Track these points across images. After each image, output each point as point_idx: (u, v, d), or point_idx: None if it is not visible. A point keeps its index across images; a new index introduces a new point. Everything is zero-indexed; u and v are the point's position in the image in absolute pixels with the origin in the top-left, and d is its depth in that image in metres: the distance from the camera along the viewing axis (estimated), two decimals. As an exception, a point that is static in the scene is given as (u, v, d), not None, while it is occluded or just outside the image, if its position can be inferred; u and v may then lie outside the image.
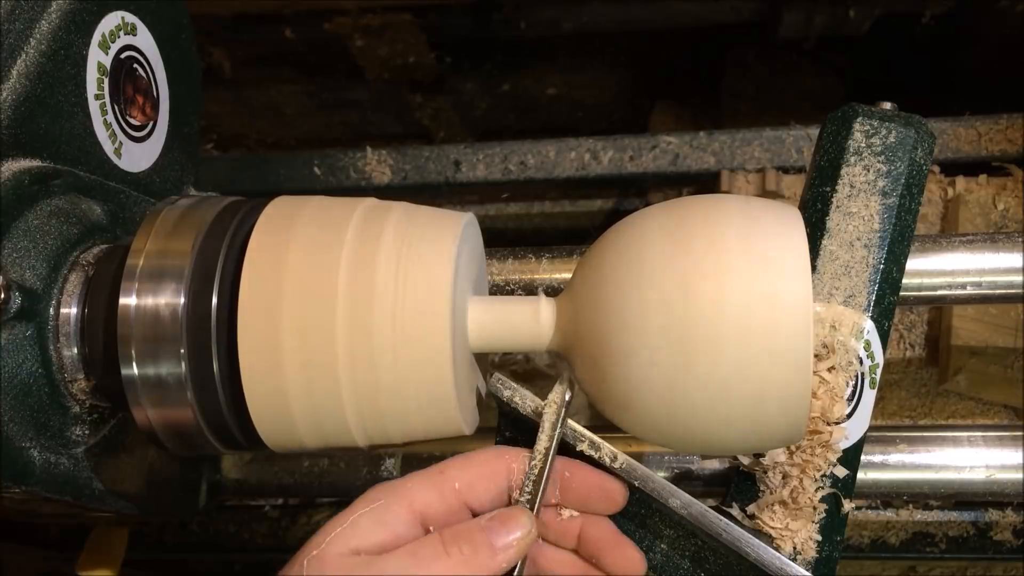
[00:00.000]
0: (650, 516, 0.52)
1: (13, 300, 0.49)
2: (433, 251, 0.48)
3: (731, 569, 0.50)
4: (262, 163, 1.20)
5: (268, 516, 0.91)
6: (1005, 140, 1.02)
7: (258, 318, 0.47)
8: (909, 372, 0.91)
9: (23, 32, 0.52)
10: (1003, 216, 0.91)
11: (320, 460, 0.76)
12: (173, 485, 0.65)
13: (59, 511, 0.58)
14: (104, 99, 0.58)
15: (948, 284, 0.60)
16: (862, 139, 0.57)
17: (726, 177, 1.03)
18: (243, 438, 0.51)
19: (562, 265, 0.66)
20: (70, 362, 0.53)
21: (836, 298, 0.54)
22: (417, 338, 0.46)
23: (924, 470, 0.64)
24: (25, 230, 0.51)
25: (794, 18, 1.23)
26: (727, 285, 0.43)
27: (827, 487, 0.53)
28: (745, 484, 0.55)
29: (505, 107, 1.51)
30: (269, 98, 1.50)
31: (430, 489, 0.46)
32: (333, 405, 0.47)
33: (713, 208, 0.46)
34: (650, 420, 0.46)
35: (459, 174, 1.13)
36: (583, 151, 1.11)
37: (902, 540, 0.81)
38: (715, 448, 0.51)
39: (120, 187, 0.59)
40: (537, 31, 1.32)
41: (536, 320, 0.50)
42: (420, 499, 0.46)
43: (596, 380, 0.48)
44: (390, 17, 1.28)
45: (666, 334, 0.44)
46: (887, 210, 0.56)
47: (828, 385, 0.51)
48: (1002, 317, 0.85)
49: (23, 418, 0.50)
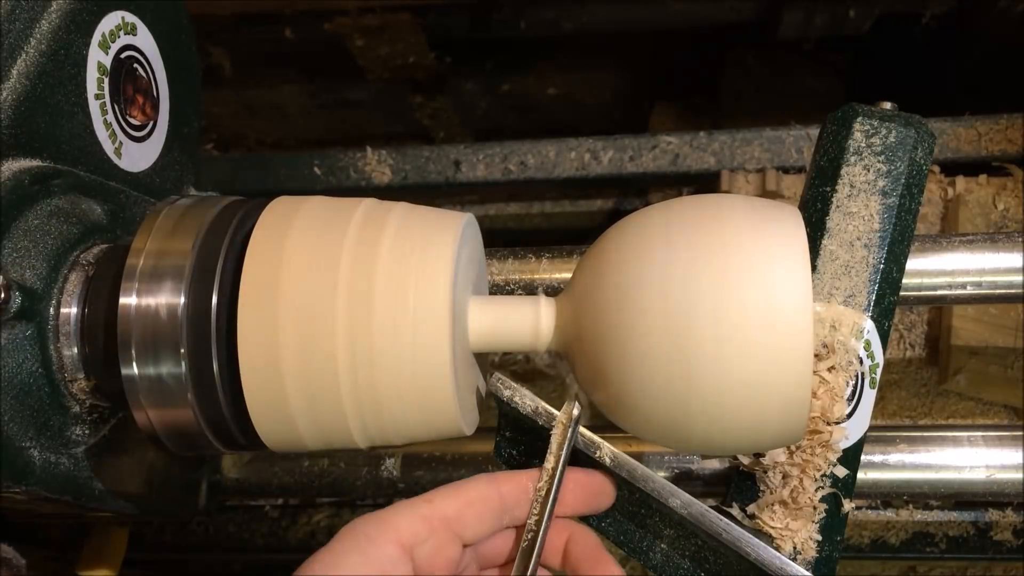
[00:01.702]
0: (650, 516, 0.52)
1: (13, 300, 0.49)
2: (433, 251, 0.48)
3: (731, 569, 0.50)
4: (262, 163, 1.20)
5: (268, 516, 0.92)
6: (1005, 140, 1.02)
7: (258, 318, 0.47)
8: (909, 372, 0.91)
9: (23, 32, 0.52)
10: (1003, 216, 0.91)
11: (320, 460, 0.76)
12: (173, 485, 0.65)
13: (59, 511, 0.58)
14: (104, 99, 0.58)
15: (948, 284, 0.60)
16: (862, 139, 0.57)
17: (726, 177, 1.03)
18: (243, 438, 0.51)
19: (562, 265, 0.66)
20: (70, 362, 0.53)
21: (836, 298, 0.54)
22: (417, 338, 0.46)
23: (924, 470, 0.64)
24: (25, 230, 0.51)
25: (794, 18, 1.23)
26: (727, 285, 0.43)
27: (827, 487, 0.53)
28: (745, 484, 0.55)
29: (505, 107, 1.51)
30: (269, 98, 1.49)
31: (419, 521, 0.44)
32: (333, 405, 0.47)
33: (713, 208, 0.46)
34: (650, 420, 0.46)
35: (459, 174, 1.13)
36: (583, 151, 1.11)
37: (902, 540, 0.81)
38: (715, 448, 0.51)
39: (120, 187, 0.59)
40: (537, 31, 1.32)
41: (536, 320, 0.50)
42: (408, 532, 0.43)
43: (596, 380, 0.48)
44: (390, 17, 1.28)
45: (666, 334, 0.44)
46: (887, 210, 0.56)
47: (828, 385, 0.51)
48: (1002, 317, 0.85)
49: (23, 418, 0.50)
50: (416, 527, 0.44)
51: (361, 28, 1.30)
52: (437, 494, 0.46)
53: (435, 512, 0.45)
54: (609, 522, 0.53)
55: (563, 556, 0.49)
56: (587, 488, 0.49)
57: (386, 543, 0.43)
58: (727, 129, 1.09)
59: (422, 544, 0.44)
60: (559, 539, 0.49)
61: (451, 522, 0.45)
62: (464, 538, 0.46)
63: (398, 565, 0.43)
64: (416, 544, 0.44)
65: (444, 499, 0.45)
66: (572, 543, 0.49)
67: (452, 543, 0.45)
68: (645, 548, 0.52)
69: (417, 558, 0.44)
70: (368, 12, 1.27)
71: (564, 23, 1.30)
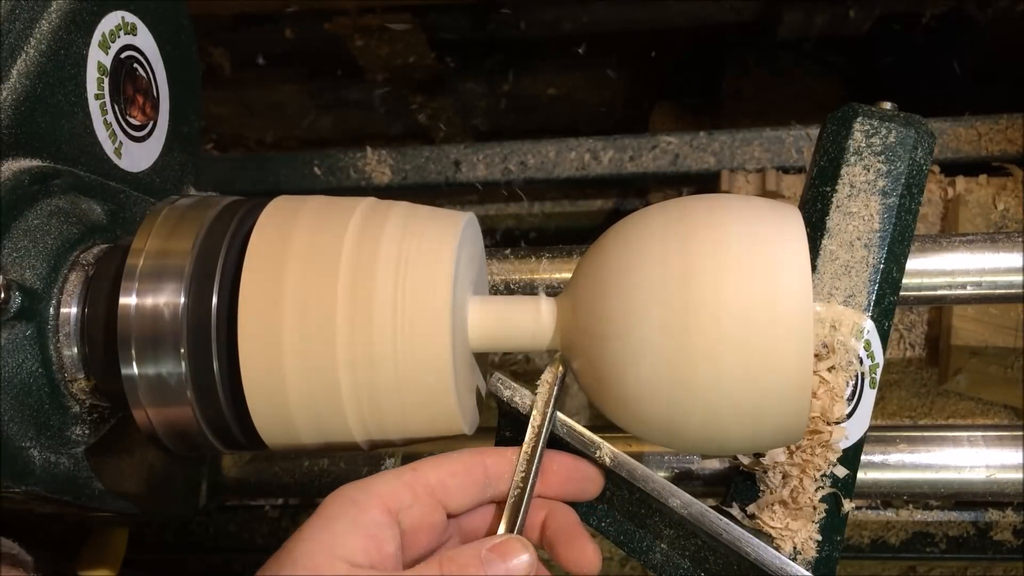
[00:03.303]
0: (650, 516, 0.52)
1: (13, 300, 0.49)
2: (433, 251, 0.48)
3: (731, 569, 0.50)
4: (262, 163, 1.20)
5: (268, 516, 0.92)
6: (1005, 140, 1.02)
7: (258, 318, 0.47)
8: (909, 372, 0.91)
9: (23, 32, 0.52)
10: (1003, 216, 0.91)
11: (320, 460, 0.76)
12: (173, 485, 0.65)
13: (59, 511, 0.58)
14: (104, 99, 0.58)
15: (948, 284, 0.60)
16: (862, 139, 0.57)
17: (726, 177, 1.04)
18: (243, 438, 0.51)
19: (562, 265, 0.66)
20: (70, 362, 0.53)
21: (836, 298, 0.54)
22: (417, 338, 0.46)
23: (924, 470, 0.64)
24: (25, 230, 0.51)
25: (794, 18, 1.23)
26: (727, 285, 0.43)
27: (827, 487, 0.53)
28: (745, 484, 0.55)
29: (505, 107, 1.51)
30: (269, 98, 1.49)
31: (402, 487, 0.45)
32: (333, 405, 0.47)
33: (713, 208, 0.46)
34: (650, 420, 0.46)
35: (459, 174, 1.13)
36: (583, 151, 1.11)
37: (902, 540, 0.81)
38: (715, 448, 0.51)
39: (120, 187, 0.59)
40: (537, 31, 1.32)
41: (536, 320, 0.50)
42: (392, 497, 0.44)
43: (596, 380, 0.48)
44: (390, 17, 1.28)
45: (666, 334, 0.44)
46: (887, 210, 0.56)
47: (828, 385, 0.51)
48: (1002, 317, 0.85)
49: (23, 418, 0.50)
50: (400, 493, 0.45)
51: (361, 28, 1.30)
52: (422, 463, 0.47)
53: (418, 479, 0.46)
54: (609, 522, 0.53)
55: (541, 532, 0.49)
56: (572, 471, 0.49)
57: (372, 507, 0.44)
58: (727, 129, 1.09)
59: (407, 509, 0.45)
60: (538, 516, 0.49)
61: (434, 490, 0.46)
62: (448, 507, 0.47)
63: (384, 529, 0.44)
64: (401, 509, 0.45)
65: (429, 468, 0.46)
66: (550, 519, 0.49)
67: (436, 511, 0.46)
68: (645, 548, 0.52)
69: (403, 523, 0.45)
70: (368, 12, 1.27)
71: (564, 23, 1.30)
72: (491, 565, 0.44)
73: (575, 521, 0.49)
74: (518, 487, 0.48)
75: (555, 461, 0.50)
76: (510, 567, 0.44)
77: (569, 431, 0.50)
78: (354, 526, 0.43)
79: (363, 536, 0.43)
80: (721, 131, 1.08)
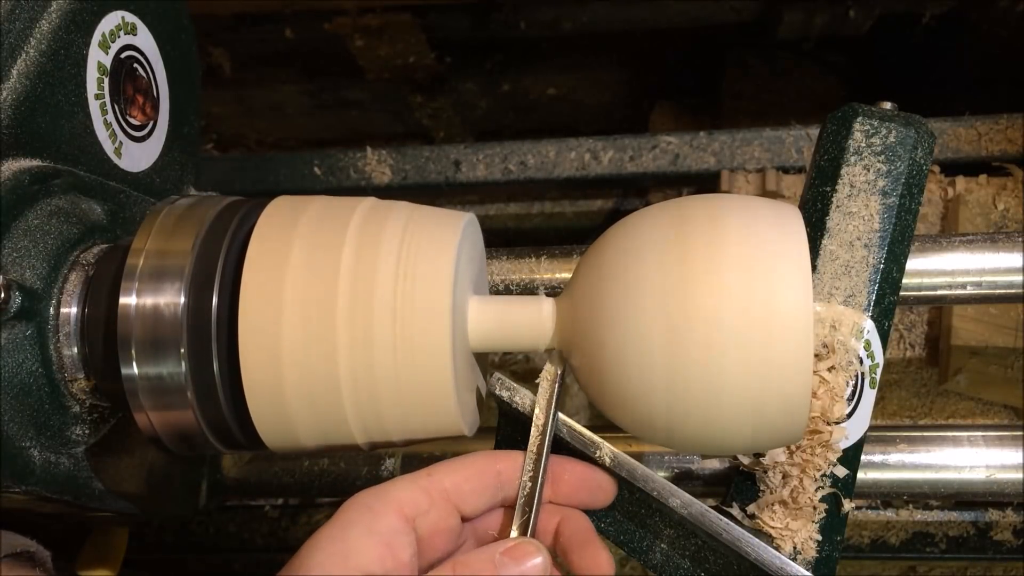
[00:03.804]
0: (650, 516, 0.52)
1: (13, 300, 0.49)
2: (434, 251, 0.48)
3: (731, 569, 0.50)
4: (262, 163, 1.20)
5: (268, 516, 0.92)
6: (1005, 140, 1.02)
7: (259, 318, 0.47)
8: (909, 372, 0.91)
9: (23, 32, 0.52)
10: (1003, 216, 0.91)
11: (320, 460, 0.76)
12: (173, 485, 0.65)
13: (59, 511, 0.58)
14: (104, 99, 0.58)
15: (948, 284, 0.60)
16: (862, 139, 0.57)
17: (726, 177, 1.03)
18: (243, 438, 0.51)
19: (562, 265, 0.66)
20: (70, 362, 0.53)
21: (836, 298, 0.54)
22: (418, 338, 0.46)
23: (924, 470, 0.64)
24: (25, 230, 0.51)
25: (794, 18, 1.23)
26: (727, 285, 0.43)
27: (827, 487, 0.53)
28: (745, 484, 0.55)
29: (505, 107, 1.51)
30: (269, 98, 1.50)
31: (419, 493, 0.45)
32: (334, 405, 0.47)
33: (713, 208, 0.46)
34: (650, 420, 0.46)
35: (459, 174, 1.13)
36: (583, 151, 1.11)
37: (902, 540, 0.81)
38: (715, 448, 0.51)
39: (120, 187, 0.59)
40: (537, 31, 1.32)
41: (537, 320, 0.50)
42: (409, 503, 0.44)
43: (596, 380, 0.48)
44: (390, 17, 1.28)
45: (666, 334, 0.44)
46: (887, 210, 0.56)
47: (828, 385, 0.51)
48: (1002, 317, 0.85)
49: (23, 418, 0.50)
50: (417, 498, 0.45)
51: (361, 28, 1.30)
52: (437, 468, 0.47)
53: (434, 484, 0.46)
54: (609, 522, 0.53)
55: (554, 537, 0.49)
56: (584, 479, 0.50)
57: (388, 514, 0.44)
58: (727, 129, 1.09)
59: (423, 515, 0.45)
60: (551, 521, 0.49)
61: (450, 494, 0.46)
62: (463, 511, 0.47)
63: (400, 535, 0.44)
64: (417, 515, 0.45)
65: (444, 472, 0.46)
66: (564, 524, 0.49)
67: (452, 515, 0.46)
68: (645, 548, 0.52)
69: (419, 529, 0.45)
70: (368, 12, 1.27)
71: (564, 23, 1.30)
72: (505, 568, 0.44)
73: (588, 527, 0.49)
74: (526, 487, 0.48)
75: (567, 469, 0.50)
76: (524, 569, 0.44)
77: (569, 431, 0.50)
78: (369, 534, 0.43)
79: (378, 544, 0.43)
80: (721, 131, 1.08)
